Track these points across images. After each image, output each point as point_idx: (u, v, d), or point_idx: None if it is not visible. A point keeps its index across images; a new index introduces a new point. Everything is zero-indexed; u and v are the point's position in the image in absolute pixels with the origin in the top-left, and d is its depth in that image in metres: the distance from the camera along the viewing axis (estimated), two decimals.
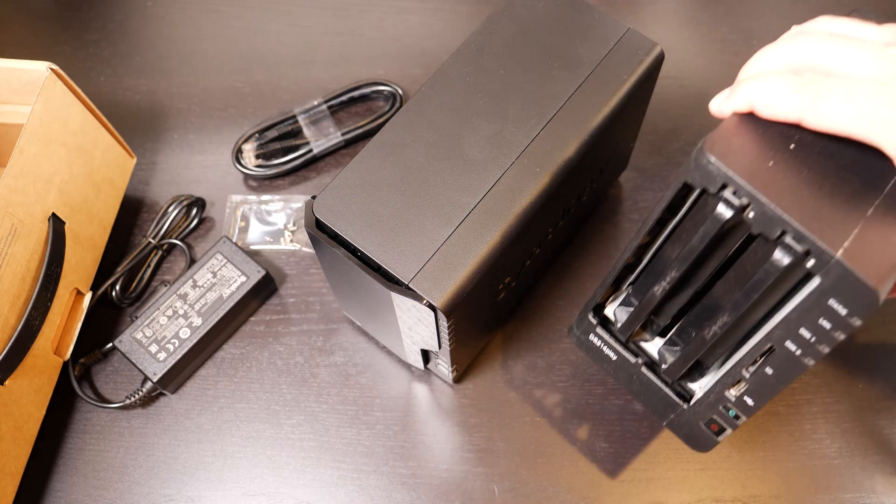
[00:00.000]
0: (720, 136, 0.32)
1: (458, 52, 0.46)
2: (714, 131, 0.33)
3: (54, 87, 0.50)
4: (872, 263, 0.29)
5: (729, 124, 0.33)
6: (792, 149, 0.32)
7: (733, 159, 0.31)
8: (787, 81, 0.32)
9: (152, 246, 0.58)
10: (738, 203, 0.31)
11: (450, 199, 0.42)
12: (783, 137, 0.32)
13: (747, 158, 0.31)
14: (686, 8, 0.69)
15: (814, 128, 0.32)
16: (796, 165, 0.32)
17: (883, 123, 0.30)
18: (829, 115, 0.31)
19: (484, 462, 0.52)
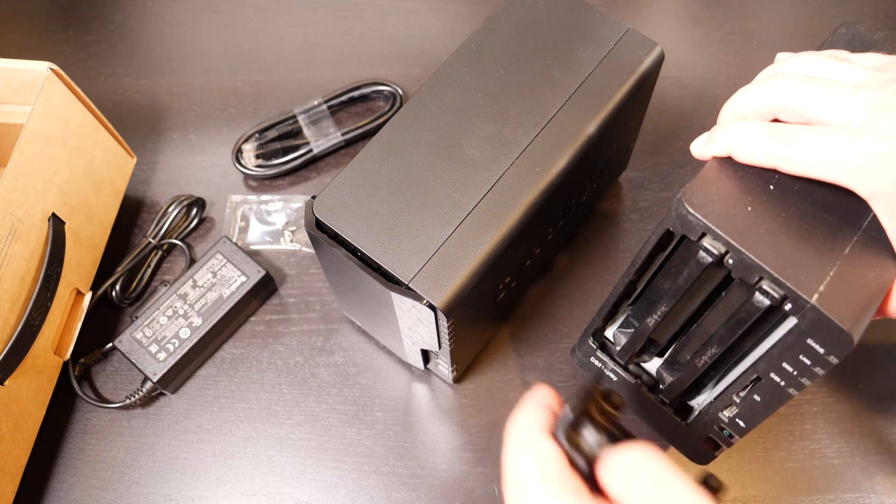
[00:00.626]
0: (699, 185, 0.34)
1: (458, 52, 0.46)
2: (693, 179, 0.34)
3: (54, 87, 0.50)
4: (847, 306, 0.31)
5: (709, 169, 0.34)
6: (771, 189, 0.33)
7: (712, 208, 0.32)
8: (762, 129, 0.33)
9: (152, 246, 0.58)
10: (718, 251, 0.32)
11: (450, 199, 0.42)
12: (762, 179, 0.34)
13: (725, 206, 0.33)
14: (686, 8, 0.69)
15: (790, 173, 0.33)
16: (775, 208, 0.33)
17: (854, 170, 0.31)
18: (802, 162, 0.32)
19: (484, 462, 0.52)
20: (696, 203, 0.33)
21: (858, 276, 0.32)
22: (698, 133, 0.62)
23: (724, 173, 0.34)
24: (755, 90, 0.34)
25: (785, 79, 0.33)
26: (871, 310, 0.32)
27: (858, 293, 0.32)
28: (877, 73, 0.32)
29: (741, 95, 0.35)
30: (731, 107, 0.35)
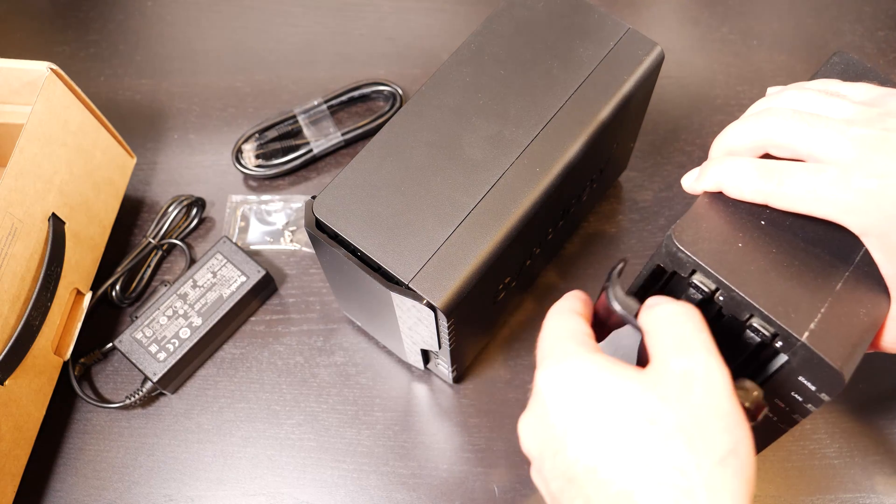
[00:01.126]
0: (689, 221, 0.34)
1: (458, 52, 0.46)
2: (684, 215, 0.34)
3: (54, 87, 0.50)
4: (838, 344, 0.31)
5: (700, 205, 0.34)
6: (763, 225, 0.34)
7: (702, 245, 0.33)
8: (753, 166, 0.33)
9: (152, 246, 0.58)
10: (708, 288, 0.33)
11: (450, 199, 0.42)
12: (754, 214, 0.34)
13: (716, 242, 0.33)
14: (686, 8, 0.69)
15: (781, 209, 0.33)
16: (766, 244, 0.33)
17: (845, 208, 0.31)
18: (793, 199, 0.32)
19: (484, 462, 0.52)
20: (686, 240, 0.33)
21: (850, 312, 0.32)
22: (698, 133, 0.63)
23: (715, 209, 0.34)
24: (746, 126, 0.34)
25: (775, 114, 0.33)
26: (863, 346, 0.32)
27: (850, 330, 0.31)
28: (867, 108, 0.33)
29: (731, 130, 0.35)
30: (722, 142, 0.35)
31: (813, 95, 0.34)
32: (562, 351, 0.31)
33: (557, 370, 0.31)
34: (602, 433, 0.29)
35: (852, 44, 0.66)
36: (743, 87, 0.65)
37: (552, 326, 0.33)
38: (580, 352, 0.31)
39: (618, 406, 0.29)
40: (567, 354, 0.31)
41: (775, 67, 0.65)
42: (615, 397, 0.29)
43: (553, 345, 0.32)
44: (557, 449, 0.30)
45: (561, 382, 0.30)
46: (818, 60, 0.66)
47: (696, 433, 0.27)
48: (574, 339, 0.32)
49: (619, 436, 0.28)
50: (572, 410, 0.30)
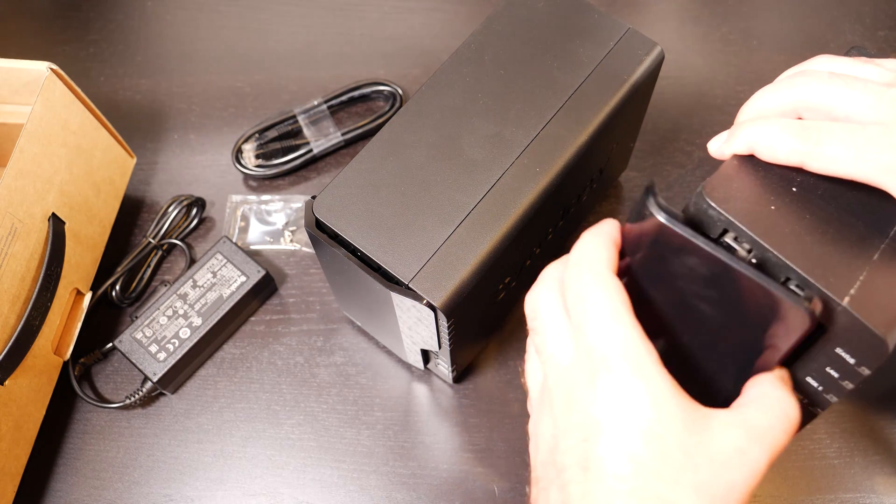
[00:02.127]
0: (719, 180, 0.31)
1: (458, 52, 0.46)
2: (713, 175, 0.32)
3: (54, 87, 0.50)
4: (880, 311, 0.28)
5: (728, 167, 0.32)
6: (794, 192, 0.31)
7: (734, 204, 0.30)
8: (789, 125, 0.31)
9: (152, 246, 0.58)
10: (742, 250, 0.30)
11: (450, 199, 0.42)
12: (784, 180, 0.32)
13: (748, 203, 0.31)
14: (686, 8, 0.69)
15: (817, 171, 0.31)
16: (799, 209, 0.31)
17: (887, 168, 0.30)
18: (832, 159, 0.30)
19: (484, 462, 0.52)
20: (718, 197, 0.30)
21: (890, 283, 0.29)
22: (698, 133, 0.63)
23: (745, 172, 0.32)
24: (779, 87, 0.33)
25: (811, 76, 0.32)
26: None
27: (891, 300, 0.29)
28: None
29: (763, 93, 0.34)
30: (752, 105, 0.34)
31: (848, 60, 0.33)
32: (615, 357, 0.29)
33: (610, 383, 0.29)
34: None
35: (852, 44, 0.66)
36: (743, 87, 0.65)
37: (594, 294, 0.30)
38: (644, 373, 0.28)
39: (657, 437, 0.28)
40: (623, 370, 0.29)
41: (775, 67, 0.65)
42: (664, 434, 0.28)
43: (602, 346, 0.29)
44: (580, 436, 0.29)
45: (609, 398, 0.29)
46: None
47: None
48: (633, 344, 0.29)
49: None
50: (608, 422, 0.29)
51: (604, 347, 0.29)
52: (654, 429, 0.28)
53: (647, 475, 0.27)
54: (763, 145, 0.32)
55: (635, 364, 0.29)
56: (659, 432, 0.28)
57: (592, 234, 0.32)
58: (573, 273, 0.31)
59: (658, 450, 0.28)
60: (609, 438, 0.28)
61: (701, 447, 0.28)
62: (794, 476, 0.51)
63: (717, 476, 0.27)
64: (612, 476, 0.28)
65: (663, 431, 0.28)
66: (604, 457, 0.28)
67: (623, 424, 0.28)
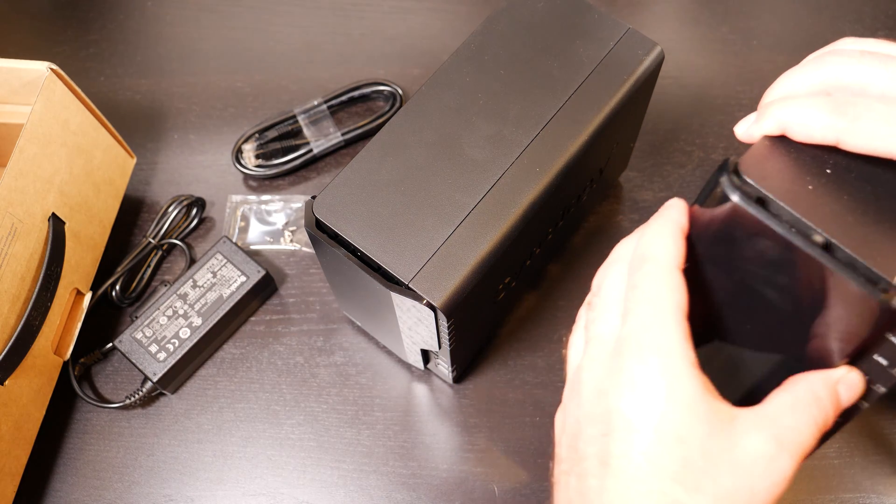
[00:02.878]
0: (753, 159, 0.30)
1: (458, 52, 0.46)
2: (745, 154, 0.30)
3: (54, 87, 0.50)
4: None
5: (759, 148, 0.31)
6: (829, 173, 0.30)
7: (771, 182, 0.28)
8: (823, 101, 0.30)
9: (152, 246, 0.58)
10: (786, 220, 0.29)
11: (450, 199, 0.42)
12: (818, 161, 0.30)
13: (785, 182, 0.29)
14: (686, 8, 0.69)
15: (853, 149, 0.29)
16: (835, 190, 0.29)
17: None
18: (869, 135, 0.29)
19: (484, 462, 0.52)
20: (755, 175, 0.28)
21: None
22: (698, 133, 0.63)
23: (777, 152, 0.30)
24: (808, 67, 0.32)
25: (842, 55, 0.31)
26: None
27: None
28: None
29: (792, 73, 0.32)
30: (780, 85, 0.32)
31: (875, 41, 0.32)
32: (654, 360, 0.28)
33: (642, 379, 0.28)
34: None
35: None
36: (743, 87, 0.65)
37: (649, 294, 0.29)
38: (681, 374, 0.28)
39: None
40: (654, 366, 0.28)
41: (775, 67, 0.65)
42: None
43: (645, 337, 0.29)
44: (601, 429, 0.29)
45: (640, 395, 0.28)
46: None
47: None
48: (676, 337, 0.28)
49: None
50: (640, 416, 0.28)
51: (641, 340, 0.29)
52: (678, 431, 0.27)
53: (666, 479, 0.27)
54: (796, 123, 0.30)
55: (668, 363, 0.28)
56: (682, 435, 0.27)
57: (662, 221, 0.31)
58: (637, 262, 0.30)
59: (680, 453, 0.27)
60: (629, 436, 0.28)
61: (725, 452, 0.27)
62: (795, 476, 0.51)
63: (741, 482, 0.27)
64: (630, 476, 0.28)
65: (687, 434, 0.27)
66: (623, 454, 0.28)
67: (645, 423, 0.28)
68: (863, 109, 0.29)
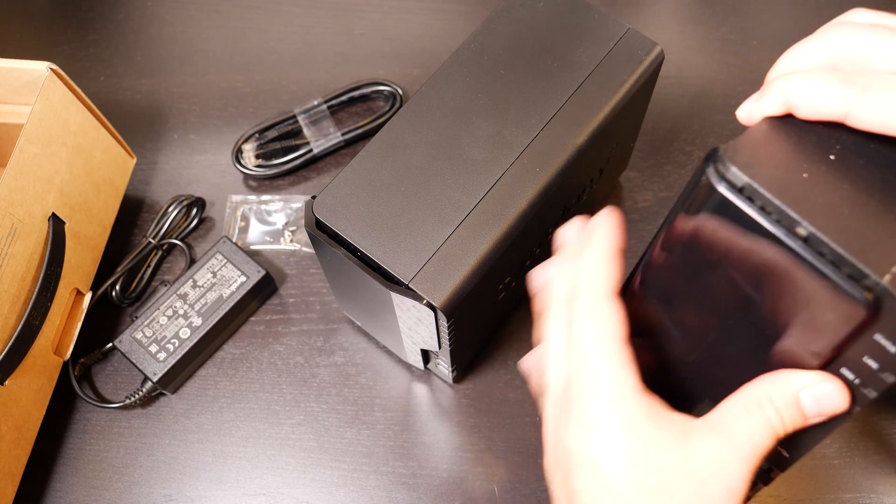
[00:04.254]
0: (744, 143, 0.28)
1: (458, 52, 0.46)
2: (735, 140, 0.28)
3: (54, 87, 0.50)
4: None
5: (756, 130, 0.29)
6: (832, 159, 0.27)
7: (759, 170, 0.26)
8: (831, 74, 0.27)
9: (152, 246, 0.58)
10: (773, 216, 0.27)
11: (450, 199, 0.42)
12: (822, 147, 0.28)
13: (777, 169, 0.27)
14: (686, 8, 0.69)
15: (862, 126, 0.27)
16: (836, 178, 0.27)
17: None
18: (880, 108, 0.26)
19: (484, 462, 0.52)
20: (742, 161, 0.26)
21: None
22: (698, 133, 0.63)
23: (775, 135, 0.28)
24: (814, 39, 0.29)
25: (851, 27, 0.29)
26: None
27: None
28: None
29: (798, 46, 0.30)
30: (786, 59, 0.31)
31: (886, 14, 0.30)
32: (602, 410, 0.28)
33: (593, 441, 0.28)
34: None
35: None
36: (743, 87, 0.65)
37: (582, 330, 0.29)
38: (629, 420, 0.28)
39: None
40: (597, 399, 0.28)
41: None
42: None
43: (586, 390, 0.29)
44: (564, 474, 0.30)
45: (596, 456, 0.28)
46: None
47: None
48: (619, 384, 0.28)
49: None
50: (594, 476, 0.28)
51: (583, 377, 0.29)
52: (629, 456, 0.28)
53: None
54: (802, 97, 0.28)
55: (610, 394, 0.28)
56: (633, 459, 0.27)
57: (591, 250, 0.30)
58: (570, 297, 0.30)
59: (635, 477, 0.27)
60: (586, 471, 0.28)
61: (681, 464, 0.27)
62: (794, 476, 0.51)
63: (698, 493, 0.27)
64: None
65: (638, 457, 0.27)
66: (583, 489, 0.28)
67: (598, 455, 0.28)
68: (873, 80, 0.27)
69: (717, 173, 0.26)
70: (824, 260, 0.25)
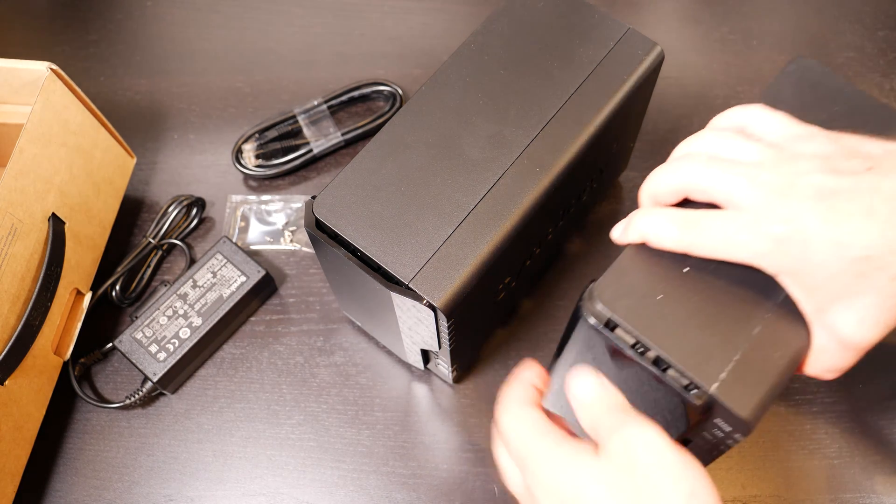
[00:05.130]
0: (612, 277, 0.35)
1: (458, 52, 0.46)
2: (606, 272, 0.35)
3: (54, 87, 0.50)
4: (747, 392, 0.32)
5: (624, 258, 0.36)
6: (686, 272, 0.35)
7: (622, 302, 0.34)
8: (672, 218, 0.34)
9: (152, 246, 0.58)
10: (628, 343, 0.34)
11: (450, 199, 0.42)
12: (678, 261, 0.35)
13: (636, 297, 0.34)
14: (686, 8, 0.69)
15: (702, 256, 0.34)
16: (687, 293, 0.34)
17: (759, 253, 0.32)
18: (712, 247, 0.33)
19: (484, 462, 0.52)
20: (607, 298, 0.34)
21: (765, 357, 0.33)
22: None
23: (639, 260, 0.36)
24: (668, 172, 0.36)
25: (693, 160, 0.35)
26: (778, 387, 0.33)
27: (762, 376, 0.33)
28: (777, 152, 0.34)
29: (655, 177, 0.36)
30: (647, 188, 0.37)
31: (728, 138, 0.35)
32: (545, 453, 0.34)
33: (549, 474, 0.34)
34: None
35: (852, 44, 0.66)
36: (743, 87, 0.65)
37: (517, 427, 0.35)
38: (560, 455, 0.34)
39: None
40: (554, 460, 0.34)
41: (775, 67, 0.65)
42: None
43: (529, 446, 0.35)
44: None
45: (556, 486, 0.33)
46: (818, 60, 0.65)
47: (655, 497, 0.30)
48: (548, 436, 0.34)
49: None
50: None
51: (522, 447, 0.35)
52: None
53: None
54: (652, 237, 0.35)
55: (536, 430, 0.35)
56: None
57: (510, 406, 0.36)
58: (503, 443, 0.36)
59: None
60: None
61: None
62: (795, 476, 0.51)
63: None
64: None
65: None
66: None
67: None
68: (705, 225, 0.33)
69: (587, 310, 0.35)
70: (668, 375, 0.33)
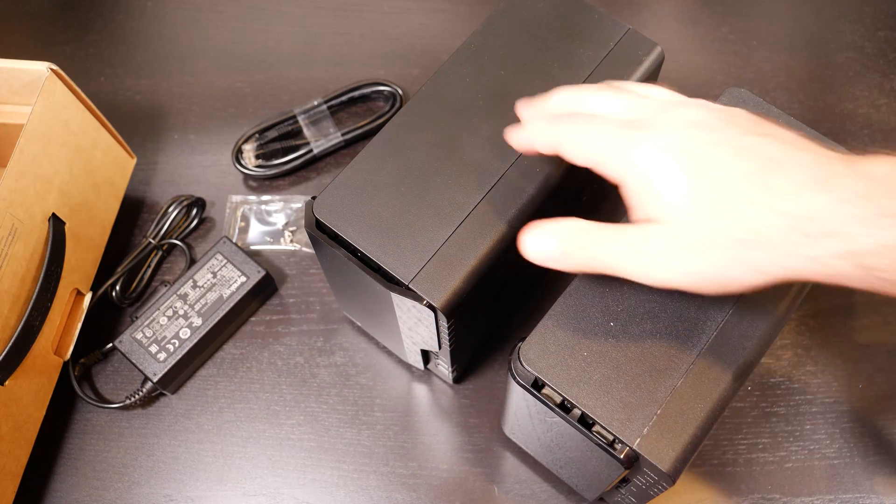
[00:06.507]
0: (539, 336, 0.37)
1: (458, 52, 0.46)
2: (532, 333, 0.37)
3: (54, 87, 0.50)
4: (669, 445, 0.34)
5: (551, 315, 0.38)
6: (611, 326, 0.37)
7: (548, 361, 0.36)
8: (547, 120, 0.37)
9: (152, 246, 0.58)
10: (555, 401, 0.36)
11: (450, 200, 0.42)
12: (604, 316, 0.37)
13: (561, 357, 0.36)
14: (686, 8, 0.69)
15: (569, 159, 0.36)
16: (611, 349, 0.36)
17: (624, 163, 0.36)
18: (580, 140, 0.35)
19: (484, 462, 0.52)
20: (532, 358, 0.36)
21: (687, 409, 0.35)
22: None
23: (566, 316, 0.37)
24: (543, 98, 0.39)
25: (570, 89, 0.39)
26: (700, 437, 0.35)
27: (683, 428, 0.34)
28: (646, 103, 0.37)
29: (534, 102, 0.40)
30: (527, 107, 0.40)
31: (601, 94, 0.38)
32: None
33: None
34: None
35: (852, 44, 0.66)
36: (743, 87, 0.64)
37: None
38: None
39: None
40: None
41: (775, 67, 0.65)
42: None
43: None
44: None
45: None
46: (818, 60, 0.66)
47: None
48: None
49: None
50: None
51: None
52: None
53: None
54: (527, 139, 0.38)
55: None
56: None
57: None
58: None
59: None
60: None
61: None
62: (794, 476, 0.51)
63: None
64: None
65: None
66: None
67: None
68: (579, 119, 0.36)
69: (515, 371, 0.37)
70: (593, 431, 0.35)
